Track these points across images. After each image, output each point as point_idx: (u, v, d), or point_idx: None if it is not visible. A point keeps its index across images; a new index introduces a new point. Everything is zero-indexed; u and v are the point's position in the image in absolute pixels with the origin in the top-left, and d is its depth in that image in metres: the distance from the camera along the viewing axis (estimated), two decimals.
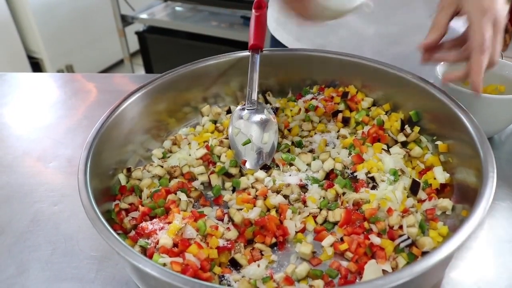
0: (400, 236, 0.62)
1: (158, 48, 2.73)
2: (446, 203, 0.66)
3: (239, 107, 0.82)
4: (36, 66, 3.22)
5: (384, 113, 0.81)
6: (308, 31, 1.05)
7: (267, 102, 0.90)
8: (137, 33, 2.73)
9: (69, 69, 3.31)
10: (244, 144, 0.76)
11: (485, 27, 0.68)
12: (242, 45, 2.41)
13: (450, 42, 0.76)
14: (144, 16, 2.68)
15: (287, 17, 0.72)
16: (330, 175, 0.73)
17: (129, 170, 0.74)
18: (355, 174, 0.71)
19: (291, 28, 1.09)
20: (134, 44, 2.88)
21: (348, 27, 1.01)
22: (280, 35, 1.13)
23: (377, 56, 0.86)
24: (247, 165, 0.75)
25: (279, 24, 1.14)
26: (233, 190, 0.73)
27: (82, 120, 1.02)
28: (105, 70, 3.60)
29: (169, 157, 0.80)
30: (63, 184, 0.82)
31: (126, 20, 2.72)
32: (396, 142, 0.78)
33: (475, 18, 0.69)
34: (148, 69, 2.87)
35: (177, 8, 2.75)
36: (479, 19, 0.69)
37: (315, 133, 0.81)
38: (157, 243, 0.60)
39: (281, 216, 0.66)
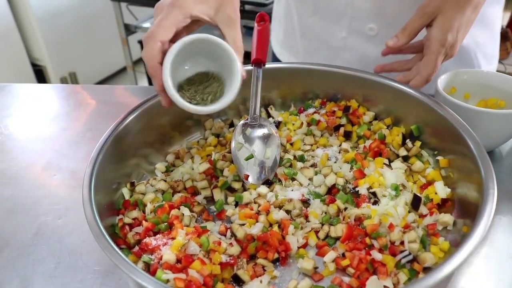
0: (402, 251, 0.62)
1: None
2: (447, 218, 0.66)
3: (242, 121, 0.83)
4: (39, 73, 3.25)
5: (386, 127, 0.82)
6: (314, 54, 1.06)
7: (269, 116, 0.91)
8: (140, 42, 2.75)
9: (72, 76, 3.33)
10: (247, 159, 0.77)
11: (439, 60, 0.78)
12: (244, 55, 2.42)
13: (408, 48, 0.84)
14: (147, 25, 2.70)
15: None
16: (332, 190, 0.73)
17: (132, 184, 0.75)
18: (356, 189, 0.72)
19: (297, 52, 1.10)
20: (136, 52, 2.90)
21: (352, 51, 1.02)
22: (286, 58, 1.15)
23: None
24: (250, 180, 0.75)
25: (284, 48, 1.15)
26: (236, 205, 0.74)
27: (86, 132, 1.02)
28: (108, 78, 3.62)
29: (172, 171, 0.80)
30: (67, 197, 0.83)
31: (129, 29, 2.74)
32: (397, 156, 0.78)
33: (435, 48, 0.77)
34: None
35: None
36: (438, 50, 0.77)
37: (317, 147, 0.82)
38: (161, 258, 0.60)
39: (283, 232, 0.66)
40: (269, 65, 0.86)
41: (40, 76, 3.26)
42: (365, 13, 0.97)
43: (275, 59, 1.20)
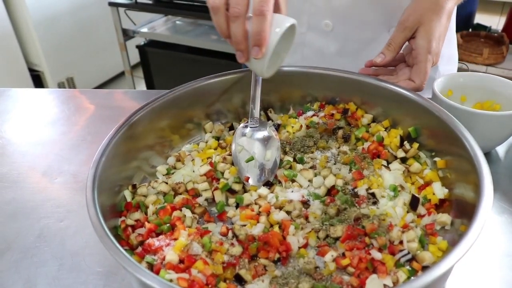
0: (401, 251, 0.63)
1: (159, 61, 2.76)
2: (445, 218, 0.67)
3: (242, 124, 0.84)
4: (37, 78, 3.25)
5: (384, 129, 0.83)
6: None
7: (269, 118, 0.92)
8: (138, 46, 2.76)
9: (70, 81, 3.33)
10: (248, 161, 0.78)
11: (428, 67, 0.81)
12: None
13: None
14: (145, 30, 2.72)
15: None
16: (331, 191, 0.74)
17: (134, 186, 0.76)
18: (355, 190, 0.73)
19: None
20: (134, 57, 2.91)
21: (310, 46, 1.07)
22: None
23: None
24: (250, 182, 0.76)
25: None
26: (237, 206, 0.75)
27: (86, 136, 1.03)
28: (106, 83, 3.63)
29: (173, 173, 0.81)
30: (69, 200, 0.84)
31: (127, 34, 2.75)
32: (395, 158, 0.79)
33: (423, 56, 0.80)
34: (149, 82, 2.90)
35: (178, 22, 2.79)
36: (426, 58, 0.80)
37: (316, 150, 0.83)
38: (164, 259, 0.61)
39: (284, 232, 0.67)
40: None
41: (38, 81, 3.26)
42: (320, 9, 1.02)
43: None
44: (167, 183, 0.77)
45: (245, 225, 0.68)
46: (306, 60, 1.05)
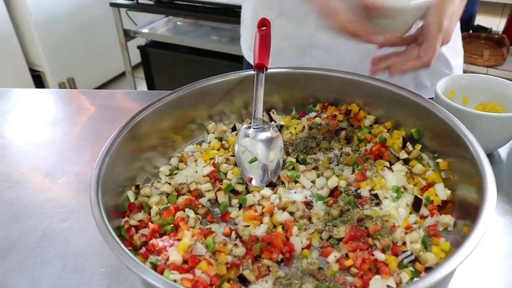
0: (404, 252, 0.63)
1: (160, 62, 2.77)
2: (447, 219, 0.67)
3: (245, 125, 0.84)
4: (37, 79, 3.25)
5: (386, 130, 0.83)
6: (284, 53, 1.08)
7: (271, 119, 0.92)
8: (139, 47, 2.76)
9: (71, 82, 3.34)
10: (251, 162, 0.78)
11: (438, 45, 0.77)
12: (243, 60, 2.44)
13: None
14: (146, 30, 2.72)
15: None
16: (334, 192, 0.75)
17: (137, 187, 0.76)
18: (358, 191, 0.73)
19: None
20: (135, 57, 2.91)
21: (322, 46, 1.04)
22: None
23: (356, 71, 0.88)
24: (253, 183, 0.76)
25: (252, 50, 1.16)
26: (240, 207, 0.75)
27: (88, 136, 1.03)
28: (107, 83, 3.63)
29: (176, 174, 0.81)
30: (72, 200, 0.84)
31: (128, 35, 2.75)
32: (398, 159, 0.79)
33: (433, 33, 0.76)
34: (150, 82, 2.90)
35: (179, 23, 2.79)
36: (436, 35, 0.76)
37: (319, 151, 0.83)
38: (167, 259, 0.61)
39: (287, 233, 0.67)
40: (271, 70, 0.88)
41: (38, 81, 3.26)
42: None
43: (247, 64, 1.23)
44: (170, 183, 0.77)
45: (248, 226, 0.69)
46: (316, 60, 1.04)
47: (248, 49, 1.21)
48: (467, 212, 0.65)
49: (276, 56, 1.08)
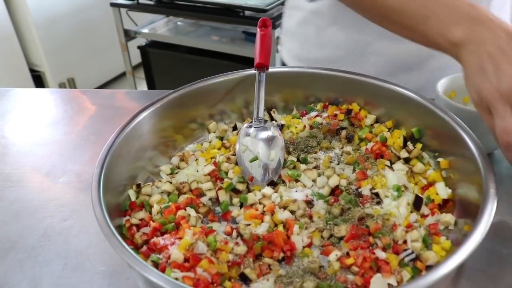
0: (405, 250, 0.64)
1: (160, 62, 2.77)
2: (448, 218, 0.68)
3: (246, 124, 0.84)
4: (37, 79, 3.25)
5: (387, 130, 0.83)
6: (338, 63, 1.04)
7: (272, 119, 0.92)
8: (140, 47, 2.76)
9: (71, 82, 3.34)
10: (252, 161, 0.78)
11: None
12: (243, 60, 2.45)
13: None
14: (146, 30, 2.72)
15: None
16: (335, 191, 0.75)
17: (138, 186, 0.76)
18: (359, 190, 0.73)
19: (316, 63, 1.08)
20: (135, 57, 2.91)
21: (380, 54, 1.00)
22: None
23: (415, 72, 0.85)
24: (254, 181, 0.76)
25: (301, 61, 1.14)
26: (241, 206, 0.75)
27: (89, 135, 1.03)
28: (107, 83, 3.63)
29: (177, 173, 0.81)
30: (73, 200, 0.84)
31: (128, 35, 2.75)
32: (399, 158, 0.80)
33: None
34: (150, 83, 2.90)
35: (179, 23, 2.79)
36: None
37: (320, 150, 0.83)
38: (169, 258, 0.61)
39: (288, 232, 0.67)
40: (272, 69, 0.88)
41: (39, 81, 3.26)
42: None
43: None
44: (171, 182, 0.77)
45: (249, 225, 0.69)
46: (374, 69, 0.98)
47: (294, 60, 1.16)
48: (468, 211, 0.65)
49: (330, 65, 1.04)
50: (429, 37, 0.69)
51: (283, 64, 1.22)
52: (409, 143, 0.80)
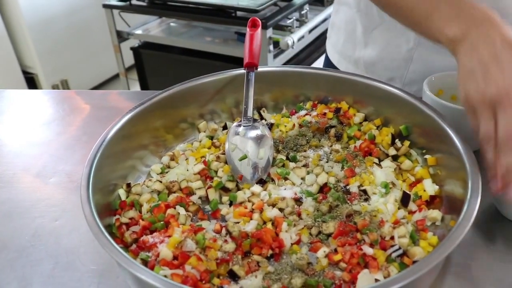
0: (392, 246, 0.64)
1: (153, 63, 2.76)
2: (435, 214, 0.68)
3: (235, 123, 0.85)
4: (30, 81, 3.24)
5: (375, 128, 0.84)
6: (377, 64, 1.04)
7: (262, 118, 0.93)
8: (132, 48, 2.76)
9: (64, 84, 3.33)
10: (241, 159, 0.79)
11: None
12: (236, 61, 2.45)
13: None
14: (139, 32, 2.72)
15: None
16: (324, 189, 0.75)
17: (128, 185, 0.76)
18: (348, 187, 0.74)
19: (357, 61, 1.08)
20: (128, 59, 2.91)
21: (420, 62, 0.99)
22: (344, 67, 1.12)
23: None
24: (244, 180, 0.77)
25: (343, 57, 1.13)
26: (230, 204, 0.75)
27: (81, 136, 1.04)
28: (100, 85, 3.62)
29: (167, 172, 0.82)
30: (64, 200, 0.84)
31: (121, 36, 2.75)
32: (387, 155, 0.80)
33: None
34: (143, 84, 2.90)
35: (172, 24, 2.79)
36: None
37: (309, 148, 0.84)
38: (158, 255, 0.62)
39: (277, 229, 0.68)
40: (261, 69, 0.89)
41: (32, 83, 3.25)
42: None
43: (333, 67, 1.16)
44: (161, 181, 0.78)
45: (238, 222, 0.69)
46: (411, 76, 0.98)
47: (337, 54, 1.15)
48: (454, 207, 0.66)
49: (369, 67, 1.05)
50: (431, 32, 0.71)
51: (327, 58, 1.20)
52: (397, 140, 0.81)
